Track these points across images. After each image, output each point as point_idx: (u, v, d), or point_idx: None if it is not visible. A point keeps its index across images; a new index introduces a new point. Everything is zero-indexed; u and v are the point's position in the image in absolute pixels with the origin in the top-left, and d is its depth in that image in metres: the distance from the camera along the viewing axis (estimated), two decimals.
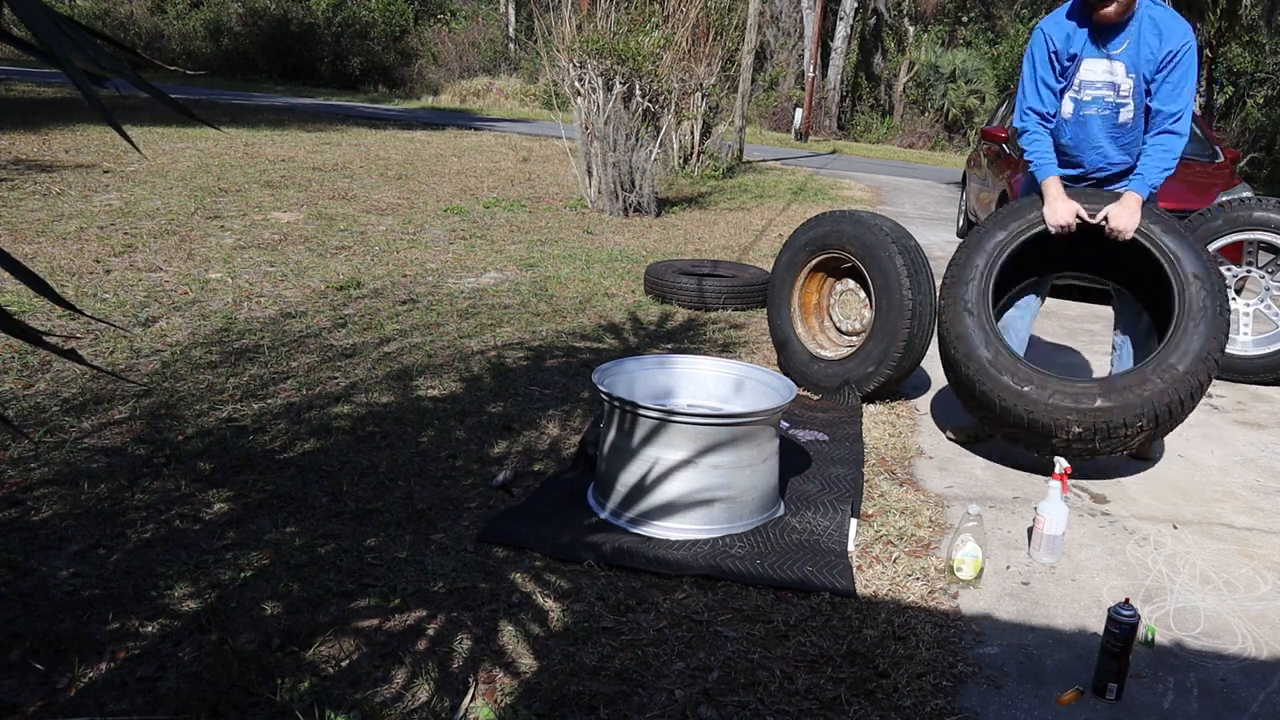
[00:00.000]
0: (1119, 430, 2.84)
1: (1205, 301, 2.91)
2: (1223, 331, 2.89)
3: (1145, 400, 2.82)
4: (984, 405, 3.03)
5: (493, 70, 23.62)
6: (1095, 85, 3.10)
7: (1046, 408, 2.88)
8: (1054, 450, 2.93)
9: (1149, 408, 2.82)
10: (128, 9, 23.42)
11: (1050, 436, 2.90)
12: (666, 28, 8.93)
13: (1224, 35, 14.11)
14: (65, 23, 1.07)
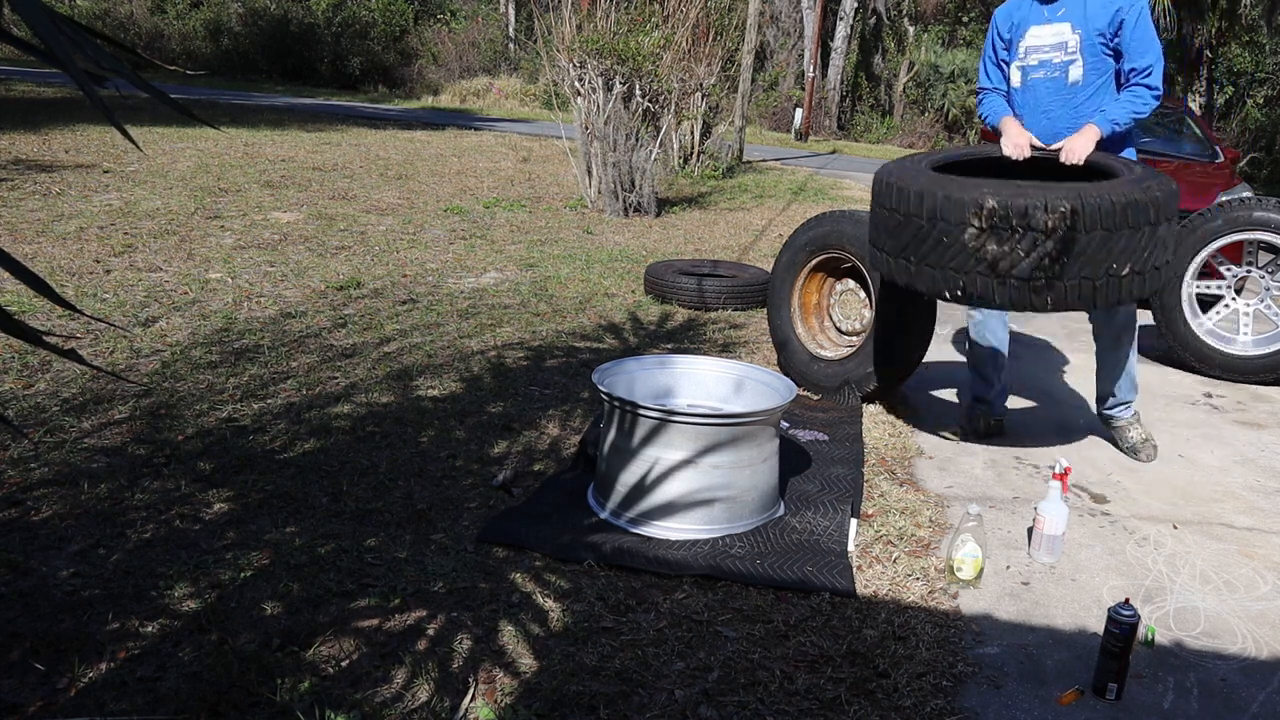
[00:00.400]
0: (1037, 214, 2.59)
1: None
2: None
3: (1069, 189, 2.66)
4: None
5: (493, 70, 23.61)
6: (1042, 49, 3.12)
7: (959, 185, 2.71)
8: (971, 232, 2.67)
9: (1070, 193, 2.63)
10: (128, 9, 23.41)
11: (965, 210, 2.65)
12: (666, 28, 8.93)
13: (1224, 35, 14.12)
14: (65, 23, 1.07)
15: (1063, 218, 2.52)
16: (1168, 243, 2.71)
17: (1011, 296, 2.63)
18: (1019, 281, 2.60)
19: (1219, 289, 4.83)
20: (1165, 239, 2.69)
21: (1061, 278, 2.57)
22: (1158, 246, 2.66)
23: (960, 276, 2.68)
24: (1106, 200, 2.54)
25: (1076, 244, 2.54)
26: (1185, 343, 4.67)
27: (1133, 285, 2.66)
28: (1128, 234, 2.57)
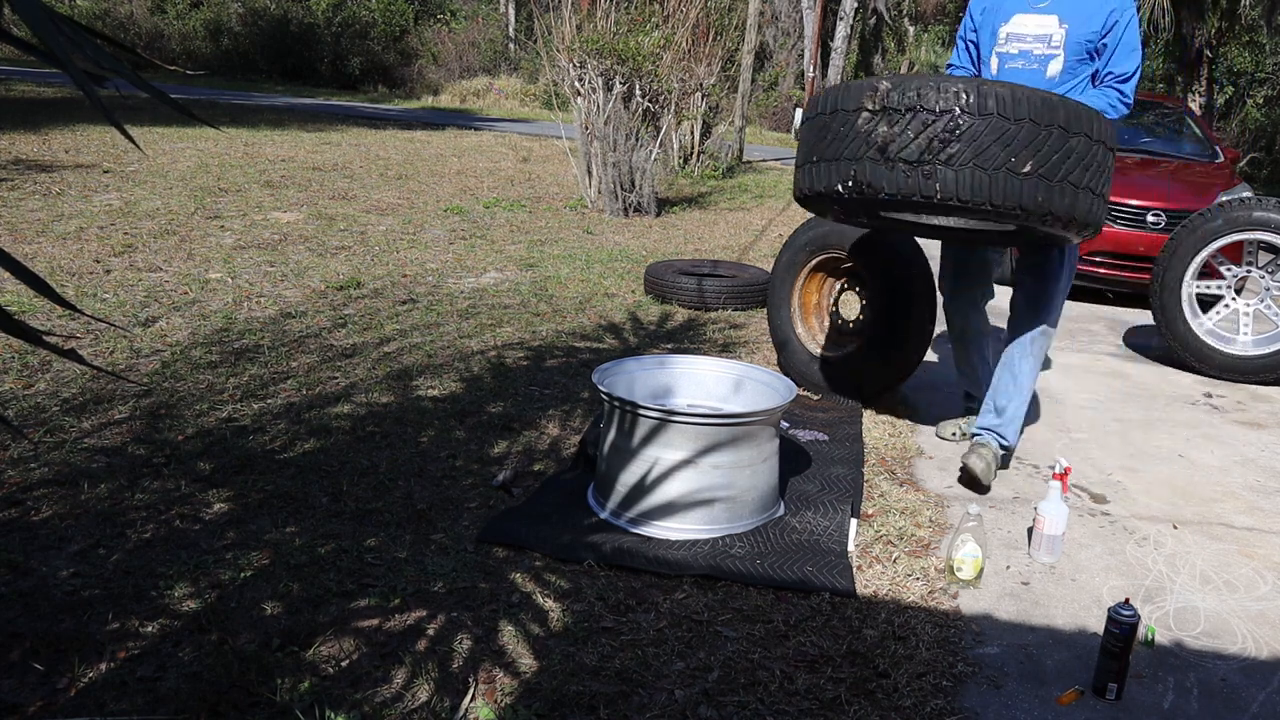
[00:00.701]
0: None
1: None
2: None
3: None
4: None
5: (493, 70, 23.61)
6: (1025, 39, 2.99)
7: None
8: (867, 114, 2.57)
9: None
10: (128, 9, 23.40)
11: (862, 94, 2.60)
12: (666, 28, 8.93)
13: (1224, 35, 14.12)
14: (65, 23, 1.07)
15: (955, 96, 2.38)
16: (1087, 162, 2.48)
17: (900, 182, 2.47)
18: (908, 165, 2.44)
19: (1219, 289, 4.83)
20: (1081, 154, 2.46)
21: (952, 164, 2.40)
22: (1071, 158, 2.44)
23: (852, 165, 2.54)
24: (1008, 88, 2.39)
25: (969, 127, 2.38)
26: (1185, 343, 4.67)
27: (1038, 191, 2.43)
28: (1029, 128, 2.38)
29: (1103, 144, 2.52)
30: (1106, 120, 2.54)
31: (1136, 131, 7.49)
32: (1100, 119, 2.51)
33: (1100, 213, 2.61)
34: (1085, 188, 2.50)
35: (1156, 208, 5.98)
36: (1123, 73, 2.92)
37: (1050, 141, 2.41)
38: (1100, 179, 2.55)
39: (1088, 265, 6.04)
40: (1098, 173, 2.53)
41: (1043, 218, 2.49)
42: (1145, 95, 8.48)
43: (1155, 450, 3.58)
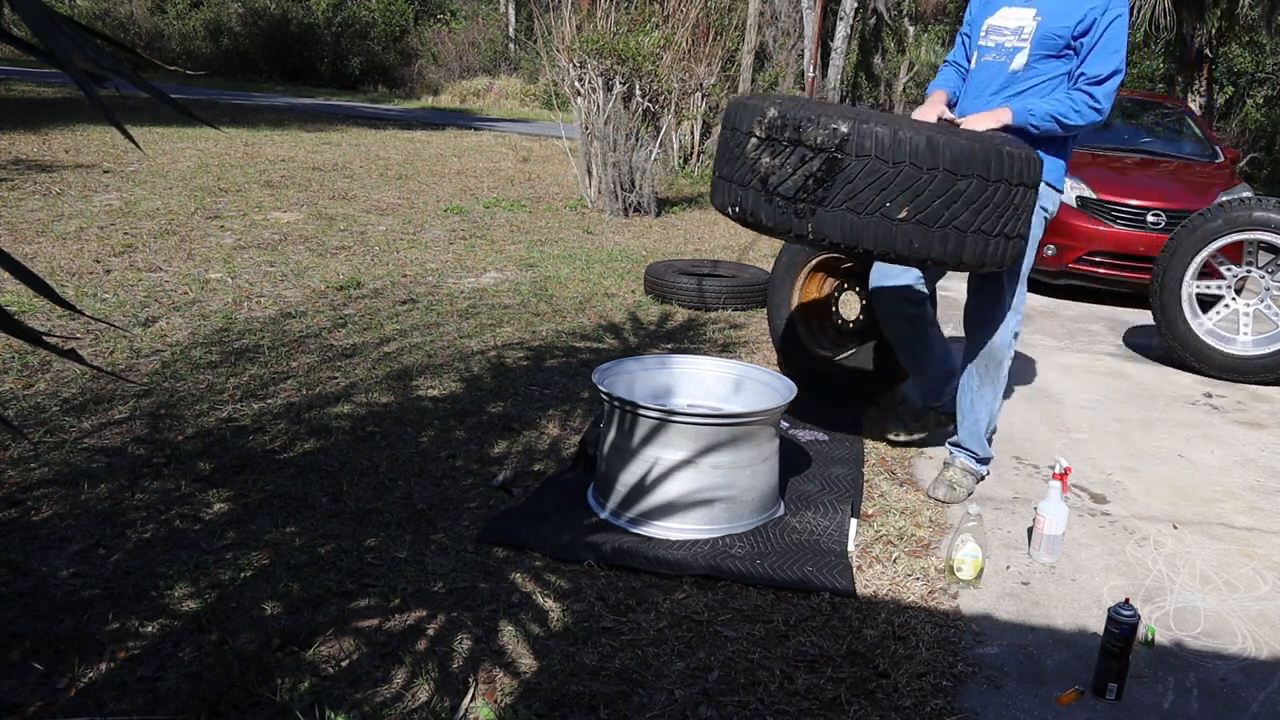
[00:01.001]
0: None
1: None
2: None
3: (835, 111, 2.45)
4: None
5: (493, 70, 23.60)
6: (1002, 31, 2.84)
7: (766, 96, 2.64)
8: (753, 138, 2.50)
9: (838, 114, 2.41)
10: (128, 9, 23.40)
11: (753, 117, 2.50)
12: (666, 28, 8.93)
13: (1224, 35, 14.11)
14: (65, 23, 1.07)
15: (832, 135, 2.28)
16: (980, 205, 2.33)
17: (777, 217, 2.39)
18: (784, 201, 2.37)
19: (1219, 289, 4.83)
20: (972, 197, 2.31)
21: (825, 203, 2.31)
22: (959, 202, 2.30)
23: (740, 190, 2.46)
24: (889, 129, 2.27)
25: (845, 167, 2.28)
26: (1185, 343, 4.67)
27: (913, 236, 2.31)
28: (909, 171, 2.26)
29: (1005, 183, 2.35)
30: (1021, 158, 2.38)
31: (1136, 131, 7.49)
32: (1010, 158, 2.35)
33: (1003, 253, 2.45)
34: (978, 231, 2.35)
35: (1156, 208, 5.98)
36: (1096, 75, 2.71)
37: (932, 186, 2.28)
38: (1002, 219, 2.38)
39: (1088, 265, 6.04)
40: (998, 213, 2.37)
41: (922, 262, 2.41)
42: (1145, 95, 8.48)
43: (1155, 450, 3.58)
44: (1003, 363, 3.00)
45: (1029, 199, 2.45)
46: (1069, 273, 6.10)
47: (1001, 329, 2.94)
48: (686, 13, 9.17)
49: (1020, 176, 2.38)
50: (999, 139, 2.42)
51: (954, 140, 2.29)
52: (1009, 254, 2.48)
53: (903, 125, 2.30)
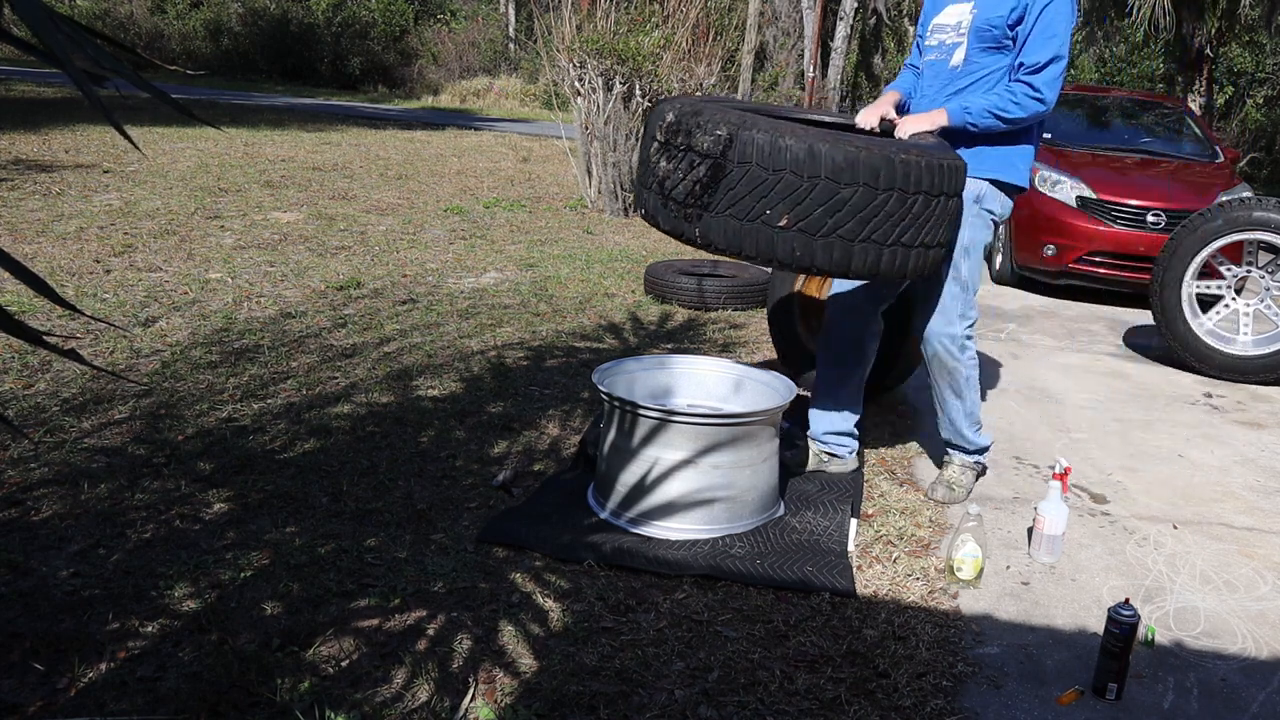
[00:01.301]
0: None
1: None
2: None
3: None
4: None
5: (493, 70, 23.60)
6: (945, 29, 2.76)
7: (674, 100, 2.59)
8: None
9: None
10: (128, 9, 23.40)
11: (656, 121, 2.48)
12: (666, 28, 8.93)
13: (1224, 35, 14.11)
14: (65, 22, 1.07)
15: (716, 141, 2.27)
16: (869, 214, 2.27)
17: (671, 221, 2.40)
18: (676, 205, 2.37)
19: (1219, 289, 4.83)
20: (858, 206, 2.26)
21: (710, 209, 2.30)
22: (844, 210, 2.25)
23: (646, 194, 2.47)
24: (769, 136, 2.24)
25: (727, 174, 2.27)
26: (1185, 343, 4.67)
27: (795, 244, 2.27)
28: (789, 179, 2.23)
29: (898, 191, 2.28)
30: (920, 165, 2.30)
31: (1136, 131, 7.49)
32: (905, 165, 2.28)
33: (905, 263, 2.38)
34: (868, 240, 2.30)
35: (1156, 208, 5.98)
36: (1033, 63, 2.59)
37: (813, 194, 2.25)
38: (897, 229, 2.32)
39: (1088, 265, 6.04)
40: (892, 222, 2.31)
41: (807, 270, 2.38)
42: (1145, 95, 8.48)
43: (1155, 450, 3.58)
44: (957, 369, 2.87)
45: (937, 207, 2.37)
46: (1069, 273, 6.10)
47: (946, 340, 2.82)
48: (686, 13, 9.17)
49: (919, 185, 2.31)
50: (896, 146, 2.33)
51: (837, 148, 2.24)
52: (913, 264, 2.40)
53: (786, 133, 2.26)
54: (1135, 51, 18.34)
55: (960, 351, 2.85)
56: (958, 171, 2.42)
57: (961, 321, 2.82)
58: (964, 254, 2.75)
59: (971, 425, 2.98)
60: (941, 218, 2.40)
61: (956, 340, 2.83)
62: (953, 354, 2.84)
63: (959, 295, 2.79)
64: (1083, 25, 17.69)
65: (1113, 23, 14.82)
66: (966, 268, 2.77)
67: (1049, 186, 6.24)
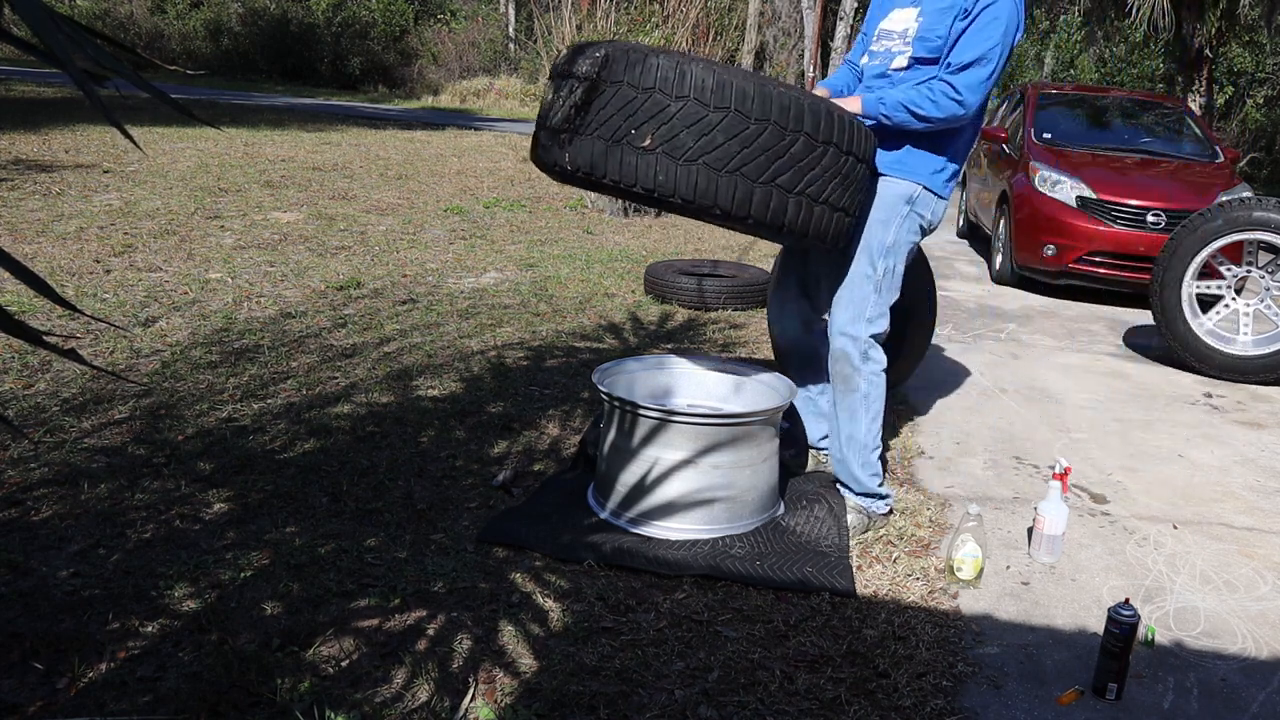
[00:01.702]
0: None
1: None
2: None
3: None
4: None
5: (493, 70, 23.60)
6: (890, 35, 2.60)
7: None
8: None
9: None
10: (128, 9, 23.40)
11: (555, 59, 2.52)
12: (666, 28, 8.93)
13: (1224, 35, 14.12)
14: (65, 22, 1.07)
15: (594, 63, 2.20)
16: (766, 152, 2.16)
17: (542, 151, 2.32)
18: (549, 132, 2.29)
19: (1219, 289, 4.83)
20: (749, 139, 2.15)
21: (581, 131, 2.21)
22: (716, 134, 2.13)
23: (538, 134, 2.37)
24: (641, 54, 2.16)
25: (600, 94, 2.19)
26: (1185, 343, 4.67)
27: (658, 168, 2.16)
28: (659, 98, 2.13)
29: (774, 125, 2.16)
30: (805, 106, 2.18)
31: (1136, 131, 7.49)
32: (784, 100, 2.15)
33: (799, 217, 2.25)
34: (745, 176, 2.17)
35: (1156, 208, 5.98)
36: (958, 62, 2.44)
37: (680, 112, 2.12)
38: (776, 170, 2.19)
39: (1088, 265, 6.04)
40: (767, 159, 2.17)
41: (673, 203, 2.22)
42: (1145, 95, 8.48)
43: (1155, 450, 3.58)
44: (853, 380, 2.63)
45: (828, 159, 2.24)
46: (1069, 273, 6.11)
47: (847, 341, 2.61)
48: (686, 13, 9.17)
49: (800, 125, 2.19)
50: (783, 85, 2.23)
51: (708, 70, 2.14)
52: (818, 222, 2.27)
53: (660, 53, 2.17)
54: (1135, 51, 18.35)
55: (861, 360, 2.62)
56: (854, 128, 2.29)
57: (867, 325, 2.61)
58: (884, 253, 2.59)
59: (862, 461, 2.68)
60: (835, 174, 2.26)
61: (858, 343, 2.61)
62: (851, 359, 2.61)
63: (869, 295, 2.60)
64: (1082, 25, 17.67)
65: (1113, 23, 14.82)
66: (884, 267, 2.60)
67: (1049, 186, 6.24)
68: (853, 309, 2.61)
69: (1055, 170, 6.31)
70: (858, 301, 2.61)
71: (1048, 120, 7.33)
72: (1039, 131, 7.11)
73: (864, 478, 2.68)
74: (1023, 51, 21.13)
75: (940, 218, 2.69)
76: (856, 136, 2.29)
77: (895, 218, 2.59)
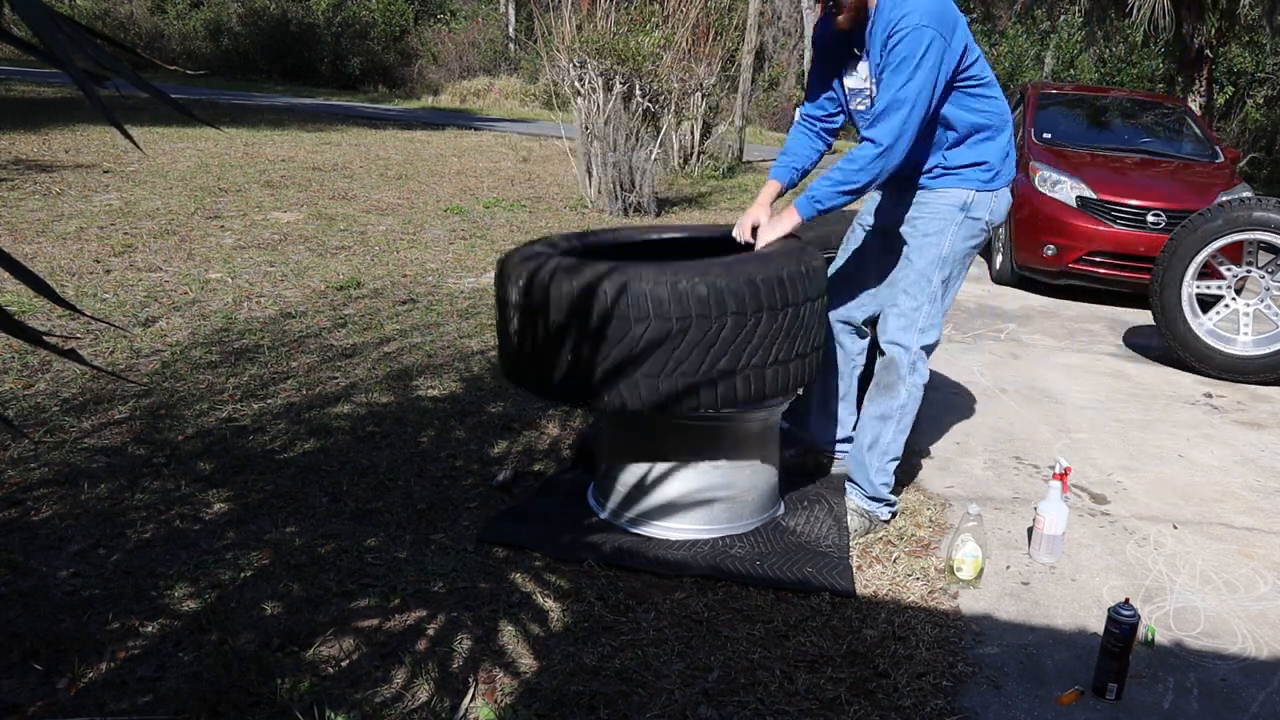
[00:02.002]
0: None
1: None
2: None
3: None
4: None
5: (493, 70, 23.59)
6: (861, 93, 2.51)
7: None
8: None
9: None
10: (128, 9, 23.39)
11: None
12: (666, 28, 8.93)
13: (1224, 35, 14.12)
14: (65, 22, 1.07)
15: (519, 290, 2.26)
16: (674, 349, 2.14)
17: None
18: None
19: (1219, 289, 4.83)
20: (657, 338, 2.13)
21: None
22: (643, 344, 2.14)
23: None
24: (551, 272, 2.19)
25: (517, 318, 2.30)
26: (1185, 343, 4.67)
27: (605, 389, 2.18)
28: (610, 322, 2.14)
29: (732, 316, 2.14)
30: (739, 290, 2.12)
31: (1136, 131, 7.49)
32: (720, 294, 2.11)
33: (780, 383, 2.28)
34: (712, 375, 2.17)
35: (1156, 208, 5.98)
36: (875, 113, 2.34)
37: (611, 332, 2.13)
38: (744, 355, 2.20)
39: (1088, 265, 6.04)
40: (733, 351, 2.18)
41: (632, 415, 2.24)
42: (1145, 95, 8.48)
43: (1155, 450, 3.58)
44: (895, 387, 2.58)
45: (783, 320, 2.22)
46: (1069, 273, 6.10)
47: (896, 348, 2.57)
48: (686, 13, 9.17)
49: (755, 305, 2.16)
50: (726, 273, 2.15)
51: (644, 283, 2.10)
52: (765, 385, 2.24)
53: (574, 276, 2.15)
54: (1135, 51, 18.34)
55: (909, 370, 2.58)
56: (788, 279, 2.21)
57: (919, 336, 2.57)
58: (939, 264, 2.54)
59: (879, 467, 2.64)
60: (779, 332, 2.23)
61: (908, 353, 2.57)
62: (899, 367, 2.58)
63: (923, 305, 2.56)
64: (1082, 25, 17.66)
65: (1113, 23, 14.82)
66: (940, 277, 2.55)
67: (1049, 186, 6.24)
68: (905, 318, 2.57)
69: (1055, 170, 6.31)
70: (909, 312, 2.57)
71: (1048, 120, 7.33)
72: (1039, 131, 7.11)
73: (878, 483, 2.65)
74: (1023, 51, 21.12)
75: (1004, 212, 2.59)
76: (791, 286, 2.23)
77: (949, 227, 2.53)
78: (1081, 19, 17.98)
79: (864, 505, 2.69)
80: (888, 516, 2.72)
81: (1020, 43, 21.16)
